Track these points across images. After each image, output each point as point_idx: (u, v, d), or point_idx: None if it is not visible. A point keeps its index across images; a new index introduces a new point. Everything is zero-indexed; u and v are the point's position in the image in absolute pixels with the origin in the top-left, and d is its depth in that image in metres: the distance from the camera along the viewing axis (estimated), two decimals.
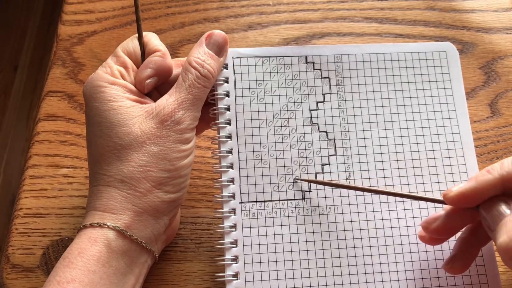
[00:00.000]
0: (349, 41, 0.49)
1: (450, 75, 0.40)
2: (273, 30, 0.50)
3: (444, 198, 0.33)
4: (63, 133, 0.44)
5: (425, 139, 0.39)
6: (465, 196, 0.32)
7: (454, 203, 0.32)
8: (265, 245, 0.36)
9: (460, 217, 0.33)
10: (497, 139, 0.45)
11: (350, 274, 0.35)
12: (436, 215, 0.34)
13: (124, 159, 0.33)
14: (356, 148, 0.38)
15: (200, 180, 0.42)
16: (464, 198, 0.32)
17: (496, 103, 0.46)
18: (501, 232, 0.29)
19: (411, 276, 0.36)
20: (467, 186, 0.32)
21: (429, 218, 0.34)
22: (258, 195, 0.37)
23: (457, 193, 0.32)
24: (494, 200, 0.31)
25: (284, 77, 0.39)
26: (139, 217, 0.33)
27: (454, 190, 0.32)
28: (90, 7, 0.51)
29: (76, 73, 0.47)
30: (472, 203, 0.32)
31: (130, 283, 0.33)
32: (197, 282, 0.38)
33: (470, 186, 0.32)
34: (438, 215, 0.34)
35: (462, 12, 0.51)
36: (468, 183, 0.32)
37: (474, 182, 0.32)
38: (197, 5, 0.51)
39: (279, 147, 0.37)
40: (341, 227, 0.36)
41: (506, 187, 0.31)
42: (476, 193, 0.31)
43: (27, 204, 0.41)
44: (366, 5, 0.52)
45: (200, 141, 0.44)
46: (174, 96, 0.34)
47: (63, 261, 0.31)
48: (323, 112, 0.39)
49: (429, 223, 0.34)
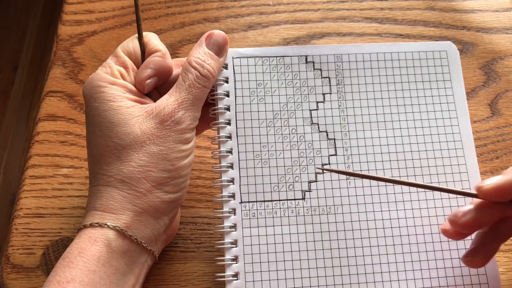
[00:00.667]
0: (349, 41, 0.49)
1: (450, 75, 0.40)
2: (273, 30, 0.50)
3: (478, 191, 0.32)
4: (63, 133, 0.44)
5: (426, 139, 0.39)
6: (501, 189, 0.31)
7: (489, 196, 0.32)
8: (265, 245, 0.36)
9: (490, 211, 0.33)
10: (497, 139, 0.45)
11: (350, 274, 0.35)
12: (465, 209, 0.33)
13: (124, 159, 0.33)
14: (356, 148, 0.38)
15: (200, 180, 0.42)
16: (500, 191, 0.31)
17: (496, 103, 0.46)
18: None
19: (411, 276, 0.36)
20: (504, 179, 0.31)
21: (457, 212, 0.33)
22: (258, 195, 0.37)
23: (493, 186, 0.31)
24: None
25: (284, 77, 0.39)
26: (139, 217, 0.33)
27: (490, 183, 0.32)
28: (90, 7, 0.51)
29: (76, 73, 0.47)
30: (507, 196, 0.31)
31: (130, 283, 0.33)
32: (197, 282, 0.38)
33: (507, 179, 0.31)
34: (467, 209, 0.33)
35: (462, 12, 0.51)
36: (505, 176, 0.31)
37: (511, 175, 0.31)
38: (197, 5, 0.51)
39: (279, 147, 0.37)
40: (341, 227, 0.36)
41: None
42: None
43: (27, 204, 0.41)
44: (366, 5, 0.52)
45: (200, 141, 0.44)
46: (174, 96, 0.34)
47: (63, 261, 0.31)
48: (323, 112, 0.39)
49: (458, 217, 0.33)
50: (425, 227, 0.37)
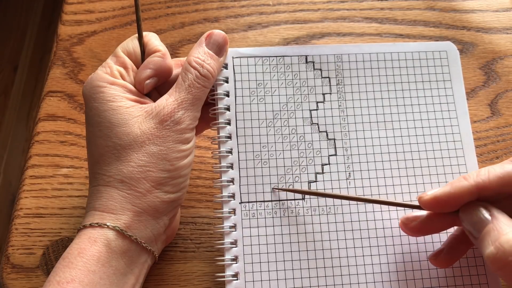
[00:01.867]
0: (349, 41, 0.49)
1: (450, 75, 0.40)
2: (273, 30, 0.50)
3: (419, 202, 0.33)
4: (63, 133, 0.44)
5: (425, 139, 0.39)
6: (438, 200, 0.32)
7: (428, 207, 0.32)
8: (265, 245, 0.36)
9: (439, 221, 0.33)
10: (497, 139, 0.45)
11: (350, 274, 0.35)
12: (417, 215, 0.34)
13: (124, 159, 0.33)
14: (356, 148, 0.38)
15: (200, 180, 0.42)
16: (438, 203, 0.32)
17: (496, 103, 0.46)
18: (486, 242, 0.29)
19: (411, 277, 0.36)
20: (442, 190, 0.32)
21: (409, 216, 0.34)
22: (258, 195, 0.36)
23: (431, 197, 0.32)
24: (473, 205, 0.31)
25: (284, 77, 0.39)
26: (139, 217, 0.33)
27: (429, 194, 0.32)
28: (90, 7, 0.51)
29: (76, 73, 0.47)
30: (447, 208, 0.32)
31: (130, 283, 0.33)
32: (197, 282, 0.38)
33: (445, 191, 0.32)
34: (419, 215, 0.34)
35: (462, 12, 0.51)
36: (443, 188, 0.32)
37: (449, 187, 0.32)
38: (197, 5, 0.51)
39: (279, 147, 0.37)
40: (340, 227, 0.36)
41: (481, 195, 0.31)
42: (450, 198, 0.31)
43: (27, 204, 0.41)
44: (366, 5, 0.52)
45: (200, 141, 0.44)
46: (173, 96, 0.34)
47: (63, 261, 0.31)
48: (323, 112, 0.39)
49: (408, 220, 0.34)
50: None
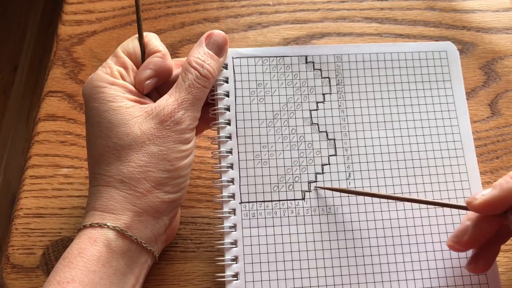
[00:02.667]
0: (349, 41, 0.49)
1: (450, 75, 0.40)
2: (273, 30, 0.50)
3: (469, 206, 0.32)
4: (63, 133, 0.44)
5: (425, 139, 0.39)
6: (490, 204, 0.32)
7: (479, 210, 0.32)
8: (265, 245, 0.36)
9: (487, 224, 0.33)
10: (497, 139, 0.45)
11: (350, 275, 0.35)
12: (463, 227, 0.34)
13: (124, 160, 0.33)
14: (356, 148, 0.38)
15: (200, 180, 0.42)
16: (490, 206, 0.32)
17: (496, 103, 0.46)
18: None
19: (411, 277, 0.36)
20: (492, 193, 0.32)
21: (457, 232, 0.34)
22: (258, 195, 0.37)
23: (482, 201, 0.32)
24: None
25: (284, 77, 0.39)
26: (139, 217, 0.33)
27: (479, 198, 0.32)
28: (90, 7, 0.51)
29: (76, 73, 0.47)
30: (497, 210, 0.32)
31: (130, 283, 0.33)
32: (197, 282, 0.38)
33: (494, 193, 0.32)
34: (465, 227, 0.33)
35: (462, 12, 0.51)
36: (493, 191, 0.32)
37: (498, 189, 0.32)
38: (197, 5, 0.51)
39: (279, 147, 0.37)
40: (341, 227, 0.36)
41: None
42: (501, 200, 0.31)
43: (27, 204, 0.41)
44: (366, 5, 0.52)
45: (200, 141, 0.44)
46: (173, 96, 0.34)
47: (63, 261, 0.31)
48: (323, 112, 0.39)
49: (459, 237, 0.34)
50: (425, 227, 0.37)
